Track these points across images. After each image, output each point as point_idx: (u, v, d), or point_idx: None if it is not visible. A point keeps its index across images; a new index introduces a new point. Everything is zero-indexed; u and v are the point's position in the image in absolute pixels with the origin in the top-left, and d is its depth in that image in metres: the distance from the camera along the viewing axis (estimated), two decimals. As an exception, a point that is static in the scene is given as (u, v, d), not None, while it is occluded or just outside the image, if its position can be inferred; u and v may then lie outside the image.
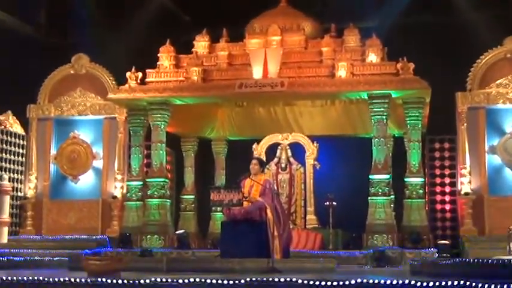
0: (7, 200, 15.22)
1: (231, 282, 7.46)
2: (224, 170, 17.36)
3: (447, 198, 16.53)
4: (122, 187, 16.19)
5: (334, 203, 14.45)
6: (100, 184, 16.51)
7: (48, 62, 17.18)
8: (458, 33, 16.31)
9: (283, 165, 15.52)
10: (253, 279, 7.55)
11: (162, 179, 14.76)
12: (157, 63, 15.15)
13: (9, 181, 15.69)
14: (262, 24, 15.30)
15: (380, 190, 13.87)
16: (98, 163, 16.64)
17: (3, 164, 16.44)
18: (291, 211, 15.20)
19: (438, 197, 16.59)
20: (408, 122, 14.50)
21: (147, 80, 15.00)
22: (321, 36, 15.01)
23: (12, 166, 16.68)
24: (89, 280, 7.98)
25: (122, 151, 16.40)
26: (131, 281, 7.68)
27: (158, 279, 7.73)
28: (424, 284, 6.76)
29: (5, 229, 15.10)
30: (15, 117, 16.89)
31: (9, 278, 7.96)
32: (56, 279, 7.89)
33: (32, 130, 16.87)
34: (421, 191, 14.38)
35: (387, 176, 14.01)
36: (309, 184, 15.38)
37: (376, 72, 14.15)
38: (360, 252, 13.12)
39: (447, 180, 16.50)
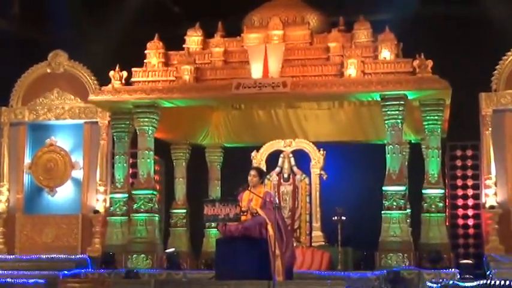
0: (-25, 214, 15.21)
1: (227, 307, 7.46)
2: (219, 181, 17.36)
3: (470, 212, 16.51)
4: (105, 200, 16.15)
5: (343, 218, 14.43)
6: (80, 197, 16.48)
7: (22, 59, 17.16)
8: (482, 27, 16.31)
9: (285, 176, 15.51)
10: (252, 304, 7.55)
11: (150, 191, 14.74)
12: (144, 61, 15.14)
13: (-23, 194, 15.68)
14: (262, 16, 15.31)
15: (395, 203, 13.86)
16: (78, 173, 16.61)
17: (-29, 174, 16.47)
18: (295, 227, 15.17)
19: (460, 211, 16.58)
20: (426, 126, 14.49)
21: (132, 79, 15.00)
22: (328, 31, 15.02)
23: (-19, 177, 16.68)
24: (67, 305, 7.97)
25: (105, 160, 16.36)
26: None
27: (145, 304, 7.73)
28: (445, 309, 6.76)
29: (-27, 248, 15.10)
30: (-16, 122, 16.90)
31: (-22, 303, 7.95)
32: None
33: (3, 136, 16.83)
34: (440, 204, 14.35)
35: (403, 188, 14.00)
36: (315, 197, 15.36)
37: (390, 71, 14.16)
38: (373, 273, 13.10)
39: (470, 192, 16.48)
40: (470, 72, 15.75)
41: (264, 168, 14.85)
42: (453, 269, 13.27)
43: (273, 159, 15.68)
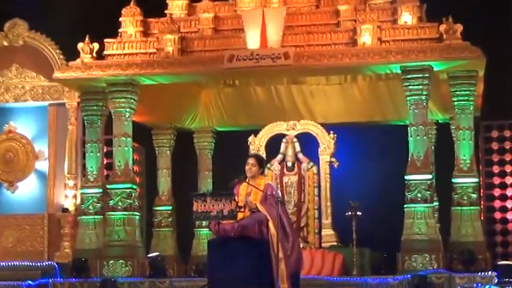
0: None
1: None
2: (211, 171, 17.37)
3: (509, 204, 16.53)
4: (75, 196, 16.17)
5: (359, 213, 14.43)
6: (45, 193, 16.49)
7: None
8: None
9: (289, 164, 15.51)
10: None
11: (129, 185, 14.73)
12: (119, 30, 15.11)
13: None
14: (259, -25, 15.29)
15: (419, 195, 13.84)
16: (42, 165, 16.62)
17: None
18: (301, 225, 15.20)
19: (497, 203, 16.60)
20: (456, 103, 14.48)
21: (105, 52, 14.97)
22: (337, -9, 15.00)
23: None
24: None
25: (74, 148, 16.37)
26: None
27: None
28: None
29: None
30: None
31: None
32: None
33: (-47, 122, 16.87)
34: (474, 196, 14.35)
35: (429, 176, 13.99)
36: (325, 188, 15.37)
37: (412, 38, 14.13)
38: (394, 278, 13.12)
39: (509, 180, 16.49)
40: (507, 38, 15.71)
41: (264, 156, 14.84)
42: (490, 272, 13.27)
43: (274, 144, 15.69)
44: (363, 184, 16.08)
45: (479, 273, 13.13)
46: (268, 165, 15.36)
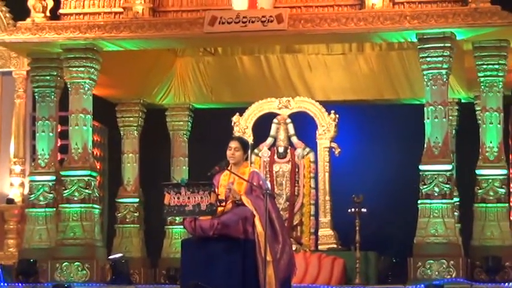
0: None
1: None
2: (187, 157, 17.40)
3: (544, 201, 16.59)
4: (22, 185, 16.17)
5: (364, 210, 14.47)
6: (-14, 180, 16.54)
7: None
8: None
9: (281, 150, 15.52)
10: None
11: (87, 172, 14.75)
12: (78, -16, 15.13)
13: None
14: None
15: (437, 189, 13.90)
16: (-17, 147, 16.65)
17: None
18: (294, 223, 15.23)
19: (529, 200, 16.66)
20: (482, 79, 14.54)
21: (61, 11, 14.96)
22: None
23: None
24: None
25: (22, 127, 16.38)
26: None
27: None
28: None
29: None
30: None
31: None
32: None
33: None
34: (502, 191, 14.42)
35: (448, 167, 14.04)
36: (323, 180, 15.40)
37: (431, 0, 14.16)
38: (405, 287, 13.17)
39: (544, 172, 16.56)
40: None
41: (251, 139, 14.86)
42: (519, 282, 13.40)
43: (263, 126, 15.69)
44: (369, 175, 16.11)
45: (506, 284, 13.21)
46: (256, 151, 15.37)
